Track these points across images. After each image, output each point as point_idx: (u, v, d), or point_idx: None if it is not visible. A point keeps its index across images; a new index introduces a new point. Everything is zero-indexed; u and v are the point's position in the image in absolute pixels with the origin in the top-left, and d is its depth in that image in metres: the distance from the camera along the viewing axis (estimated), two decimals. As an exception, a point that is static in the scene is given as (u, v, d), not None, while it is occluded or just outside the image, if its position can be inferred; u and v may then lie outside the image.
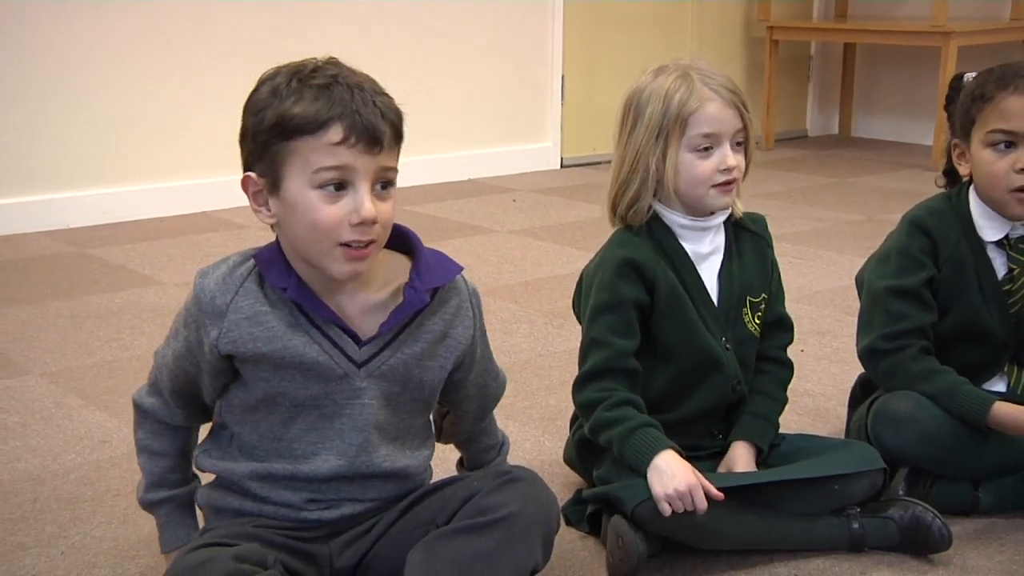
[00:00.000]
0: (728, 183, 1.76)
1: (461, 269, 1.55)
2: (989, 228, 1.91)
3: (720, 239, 1.85)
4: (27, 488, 2.02)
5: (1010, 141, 1.84)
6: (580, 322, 1.86)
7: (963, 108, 1.90)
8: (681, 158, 1.76)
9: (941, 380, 1.86)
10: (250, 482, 1.52)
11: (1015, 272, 1.91)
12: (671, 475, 1.65)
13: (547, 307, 3.05)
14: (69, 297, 3.18)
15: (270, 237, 1.50)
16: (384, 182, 1.43)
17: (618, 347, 1.76)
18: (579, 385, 1.80)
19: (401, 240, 1.52)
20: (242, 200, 1.48)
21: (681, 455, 1.69)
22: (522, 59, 5.07)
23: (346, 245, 1.40)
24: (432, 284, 1.50)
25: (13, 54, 3.85)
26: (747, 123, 1.78)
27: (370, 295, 1.49)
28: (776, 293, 1.92)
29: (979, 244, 1.92)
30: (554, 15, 5.11)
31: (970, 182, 1.94)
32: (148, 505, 1.62)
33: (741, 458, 1.81)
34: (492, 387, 1.68)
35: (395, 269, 1.51)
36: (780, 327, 1.93)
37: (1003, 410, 1.82)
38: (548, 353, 2.66)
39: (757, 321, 1.87)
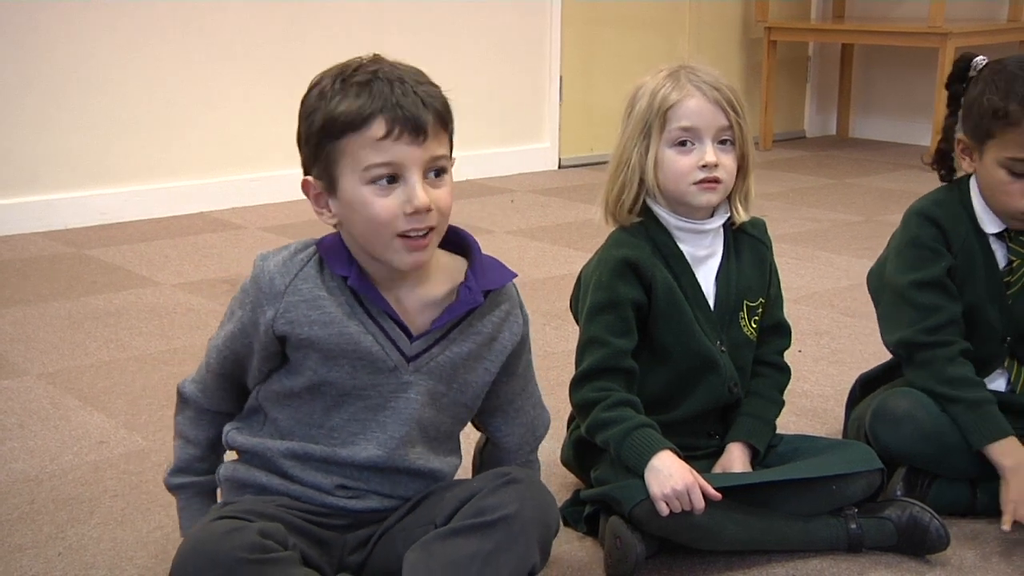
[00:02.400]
0: (709, 181, 1.75)
1: (515, 275, 1.57)
2: (990, 221, 1.91)
3: (718, 243, 1.84)
4: (24, 489, 2.02)
5: None
6: (578, 322, 1.86)
7: (981, 117, 1.84)
8: (662, 153, 1.77)
9: (970, 392, 1.85)
10: (284, 460, 1.53)
11: (1015, 264, 1.92)
12: (668, 475, 1.65)
13: (545, 308, 3.05)
14: (67, 298, 3.18)
15: (269, 235, 1.51)
16: (436, 170, 1.45)
17: (615, 346, 1.76)
18: (576, 384, 1.80)
19: (459, 242, 1.55)
20: (239, 200, 1.49)
21: (678, 455, 1.69)
22: (520, 59, 5.08)
23: (405, 236, 1.43)
24: (487, 286, 1.53)
25: (12, 56, 3.84)
26: (734, 122, 1.76)
27: (428, 291, 1.52)
28: (775, 298, 1.91)
29: (981, 234, 1.92)
30: (552, 15, 5.11)
31: (969, 175, 1.94)
32: (171, 487, 1.66)
33: (736, 459, 1.81)
34: (530, 413, 1.67)
35: (453, 269, 1.54)
36: (778, 332, 1.93)
37: (1005, 449, 1.81)
38: (546, 354, 2.66)
39: (753, 325, 1.87)
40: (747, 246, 1.87)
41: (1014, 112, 1.79)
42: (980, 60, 1.92)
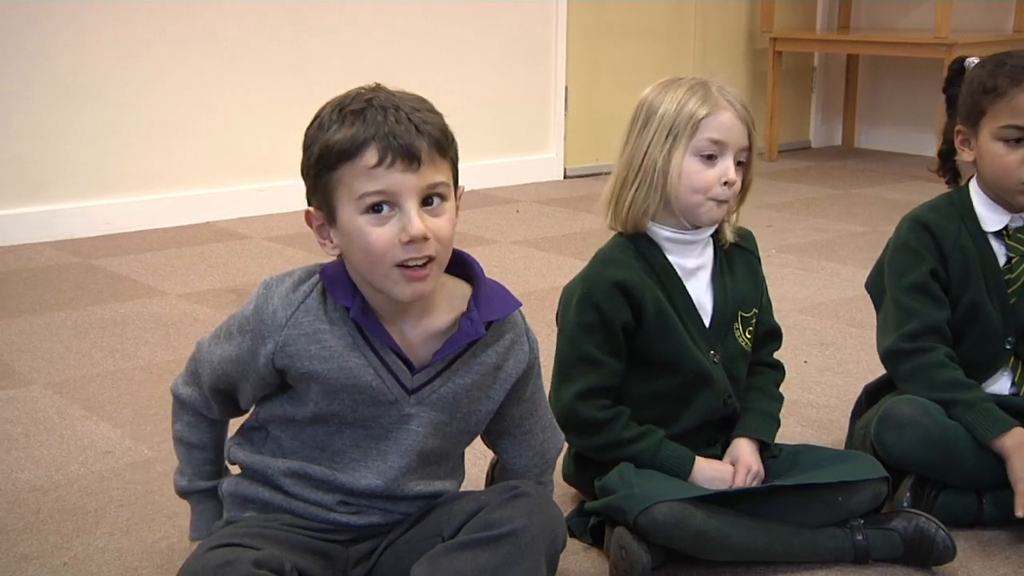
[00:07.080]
0: (723, 200, 1.76)
1: (519, 305, 1.55)
2: (990, 219, 1.95)
3: (708, 254, 1.85)
4: (30, 499, 2.02)
5: (1022, 136, 1.88)
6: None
7: (972, 97, 1.92)
8: (686, 163, 1.76)
9: (965, 393, 1.87)
10: (285, 479, 1.53)
11: (1014, 260, 1.95)
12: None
13: (549, 318, 3.02)
14: (73, 308, 3.18)
15: (275, 245, 1.51)
16: (435, 197, 1.42)
17: (610, 366, 1.78)
18: (574, 400, 1.79)
19: (462, 267, 1.53)
20: (245, 210, 1.49)
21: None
22: (525, 69, 5.08)
23: (403, 266, 1.40)
24: (489, 317, 1.50)
25: (16, 64, 3.86)
26: (752, 143, 1.78)
27: (432, 322, 1.50)
28: (767, 306, 1.94)
29: (981, 234, 1.95)
30: (557, 25, 5.12)
31: (969, 179, 1.99)
32: (186, 493, 1.65)
33: (745, 453, 1.82)
34: (539, 436, 1.65)
35: (457, 296, 1.52)
36: (772, 337, 1.96)
37: (1012, 433, 1.83)
38: (551, 364, 2.65)
39: (748, 336, 1.88)
40: (739, 258, 1.88)
41: (1002, 84, 1.88)
42: (972, 60, 2.00)
